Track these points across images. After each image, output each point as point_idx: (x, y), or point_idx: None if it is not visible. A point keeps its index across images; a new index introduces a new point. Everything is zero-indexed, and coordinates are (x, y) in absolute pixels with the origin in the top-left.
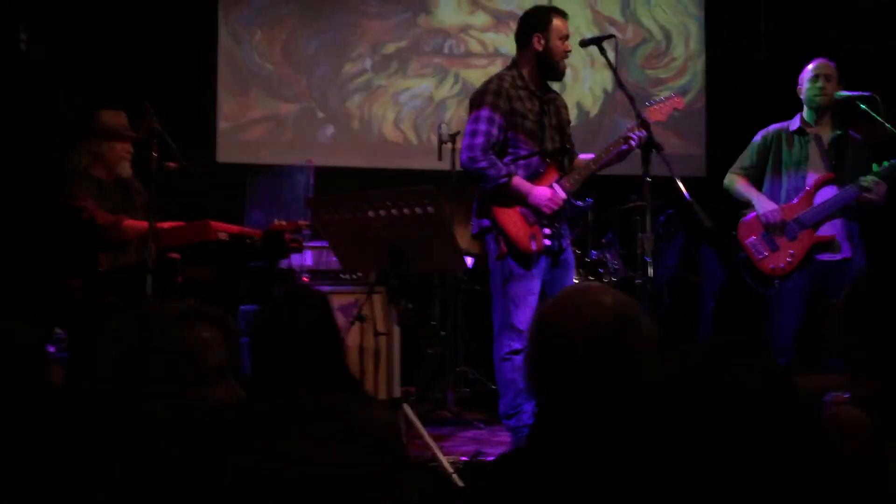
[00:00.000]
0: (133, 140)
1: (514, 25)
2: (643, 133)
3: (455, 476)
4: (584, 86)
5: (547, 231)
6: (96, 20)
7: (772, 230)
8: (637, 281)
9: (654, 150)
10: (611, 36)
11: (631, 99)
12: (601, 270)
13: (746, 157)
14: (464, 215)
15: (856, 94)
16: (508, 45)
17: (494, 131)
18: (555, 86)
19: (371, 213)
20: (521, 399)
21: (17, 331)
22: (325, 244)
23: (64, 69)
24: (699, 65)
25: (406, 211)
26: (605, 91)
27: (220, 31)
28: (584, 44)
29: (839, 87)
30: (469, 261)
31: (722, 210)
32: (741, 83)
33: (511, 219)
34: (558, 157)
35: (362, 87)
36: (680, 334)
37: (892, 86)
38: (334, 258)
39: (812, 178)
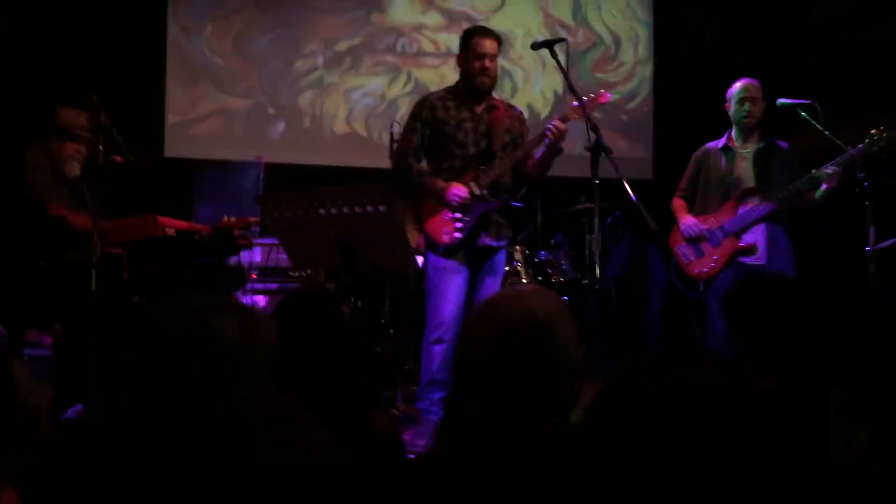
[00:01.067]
0: (87, 141)
1: (465, 26)
2: (559, 124)
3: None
4: (535, 88)
5: (458, 225)
6: (42, 11)
7: (693, 241)
8: (584, 281)
9: (602, 153)
10: (562, 39)
11: (581, 102)
12: (550, 271)
13: (683, 179)
14: (414, 214)
15: (797, 101)
16: None
17: (415, 138)
18: (506, 88)
19: (322, 211)
20: (433, 388)
21: None
22: (274, 241)
23: (7, 61)
24: (647, 70)
25: (358, 209)
26: (556, 93)
27: (170, 24)
28: (536, 46)
29: (765, 105)
30: (420, 260)
31: (668, 212)
32: (688, 88)
33: (429, 212)
34: (481, 160)
35: (314, 84)
36: (627, 333)
37: (834, 95)
38: (284, 255)
39: (736, 188)
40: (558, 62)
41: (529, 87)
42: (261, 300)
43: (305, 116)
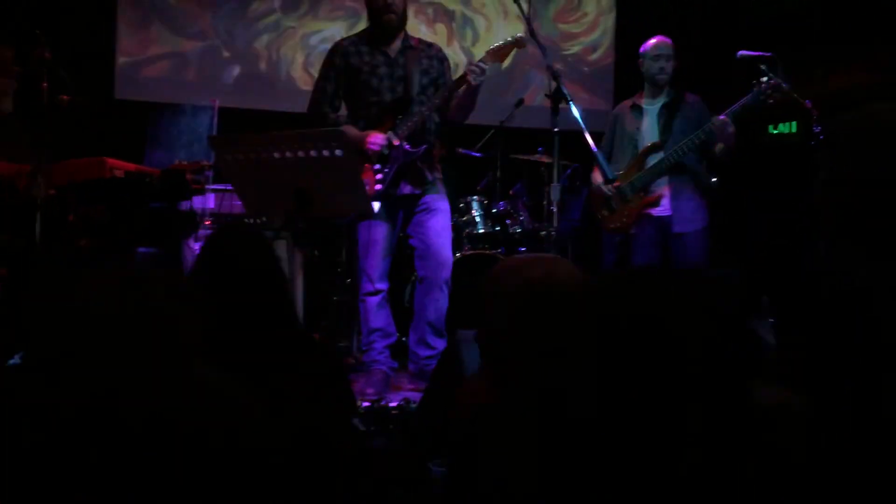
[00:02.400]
0: (14, 74)
1: None
2: (480, 66)
3: (356, 422)
4: (497, 36)
5: (378, 176)
6: None
7: (604, 198)
8: (542, 233)
9: (563, 101)
10: None
11: (542, 49)
12: (508, 221)
13: (604, 138)
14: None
15: (756, 54)
16: None
17: (328, 87)
18: (468, 36)
19: (277, 155)
20: (373, 337)
21: None
22: (228, 187)
23: None
24: (609, 21)
25: (313, 153)
26: None
27: None
28: None
29: (677, 65)
30: (376, 206)
31: None
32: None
33: None
34: (398, 107)
35: (270, 28)
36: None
37: (792, 48)
38: (238, 202)
39: (643, 145)
40: (520, 8)
41: (491, 35)
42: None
43: (261, 60)
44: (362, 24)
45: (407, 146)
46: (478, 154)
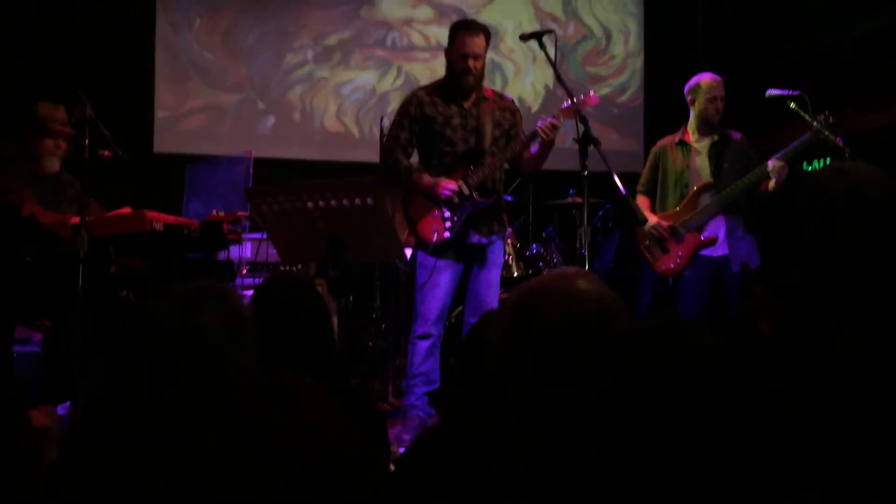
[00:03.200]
0: (65, 136)
1: (456, 19)
2: (554, 123)
3: (392, 467)
4: (525, 81)
5: (448, 224)
6: (31, 4)
7: (658, 240)
8: None
9: (591, 144)
10: (550, 31)
11: (570, 94)
12: (541, 264)
13: (643, 175)
14: (404, 213)
15: (786, 93)
16: None
17: (403, 135)
18: (497, 81)
19: (310, 204)
20: (415, 381)
21: None
22: (264, 236)
23: None
24: (638, 63)
25: (346, 202)
26: (547, 87)
27: (158, 19)
28: (524, 38)
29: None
30: (408, 252)
31: None
32: (679, 81)
33: (418, 211)
34: (470, 157)
35: (304, 79)
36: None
37: (823, 87)
38: (274, 250)
39: (694, 183)
40: (546, 54)
41: (520, 80)
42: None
43: (295, 111)
44: (392, 73)
45: (477, 196)
46: (510, 197)
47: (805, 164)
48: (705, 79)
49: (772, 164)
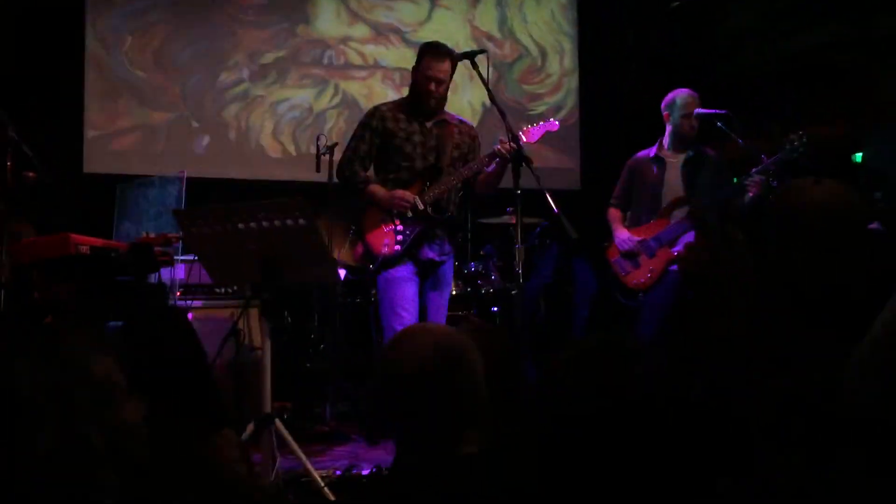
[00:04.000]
0: None
1: (393, 38)
2: (509, 145)
3: (326, 490)
4: (462, 99)
5: (399, 238)
6: None
7: (629, 254)
8: (513, 292)
9: (523, 163)
10: (482, 51)
11: (502, 114)
12: (480, 282)
13: (617, 188)
14: (344, 227)
15: (712, 112)
16: (388, 58)
17: (362, 147)
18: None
19: (241, 226)
20: None
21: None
22: (196, 258)
23: None
24: (573, 81)
25: (277, 223)
26: (484, 105)
27: (88, 36)
28: (457, 58)
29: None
30: (342, 273)
31: (598, 221)
32: (613, 99)
33: (370, 223)
34: (427, 174)
35: (239, 97)
36: (554, 342)
37: (751, 107)
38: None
39: (667, 199)
40: (479, 73)
41: (458, 98)
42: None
43: (231, 130)
44: (329, 91)
45: (431, 212)
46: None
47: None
48: (681, 94)
49: (753, 177)
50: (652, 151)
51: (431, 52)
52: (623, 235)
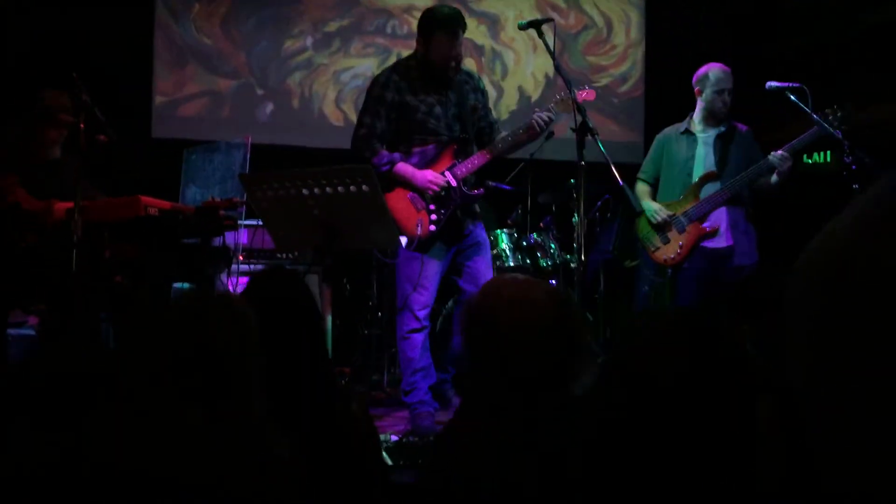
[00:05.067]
0: (69, 124)
1: (457, 6)
2: (547, 115)
3: (385, 455)
4: (526, 70)
5: (433, 217)
6: None
7: (659, 227)
8: (572, 265)
9: (588, 134)
10: (549, 20)
11: (568, 84)
12: (539, 254)
13: (645, 163)
14: None
15: (785, 85)
16: None
17: (379, 124)
18: (497, 70)
19: (305, 191)
20: (417, 377)
21: None
22: (260, 222)
23: None
24: (639, 52)
25: (341, 189)
26: (547, 76)
27: (157, 4)
28: (523, 27)
29: None
30: (404, 240)
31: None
32: (680, 71)
33: (399, 204)
34: (455, 145)
35: (303, 65)
36: (615, 317)
37: (825, 79)
38: (269, 237)
39: (697, 174)
40: (545, 42)
41: (520, 69)
42: (246, 281)
43: (294, 97)
44: (392, 60)
45: (465, 189)
46: (508, 187)
47: (805, 157)
48: (714, 69)
49: (775, 156)
50: (682, 126)
51: (446, 29)
52: (654, 207)
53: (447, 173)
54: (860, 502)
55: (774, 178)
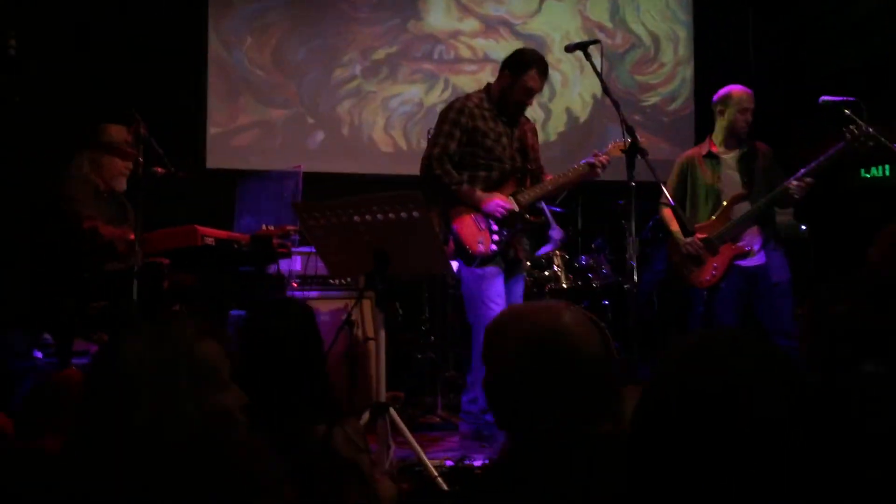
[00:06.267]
0: (133, 157)
1: (503, 31)
2: (607, 160)
3: (440, 479)
4: (573, 91)
5: (495, 238)
6: (87, 26)
7: (692, 254)
8: (625, 286)
9: (638, 155)
10: (596, 41)
11: (616, 106)
12: (590, 275)
13: (668, 186)
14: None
15: (840, 99)
16: (498, 51)
17: (452, 145)
18: (545, 92)
19: (357, 218)
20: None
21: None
22: (313, 249)
23: (55, 75)
24: (688, 70)
25: (392, 215)
26: (595, 97)
27: (211, 38)
28: (570, 49)
29: None
30: (455, 265)
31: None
32: None
33: (463, 223)
34: (517, 175)
35: (352, 93)
36: (670, 338)
37: (875, 97)
38: (322, 263)
39: (726, 195)
40: (592, 64)
41: (568, 90)
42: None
43: (344, 125)
44: (440, 86)
45: (528, 216)
46: (559, 209)
47: (863, 171)
48: (736, 90)
49: (794, 188)
50: (704, 149)
51: (540, 67)
52: (687, 238)
53: (511, 199)
54: None
55: (796, 196)
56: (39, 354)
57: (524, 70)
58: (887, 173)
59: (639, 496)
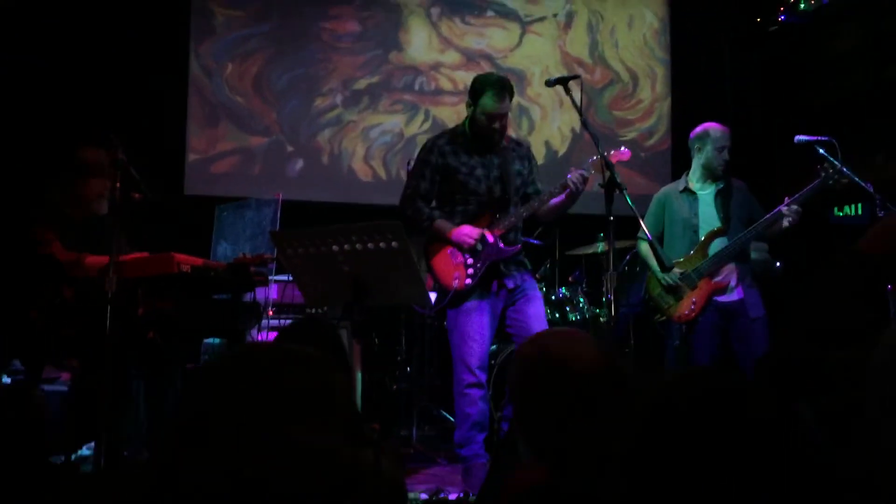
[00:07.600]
0: (110, 177)
1: (483, 64)
2: (580, 174)
3: None
4: (552, 125)
5: (470, 271)
6: (66, 49)
7: (671, 288)
8: (602, 319)
9: (617, 189)
10: (576, 76)
11: (595, 140)
12: (567, 308)
13: (647, 224)
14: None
15: (814, 139)
16: None
17: (423, 184)
18: (524, 126)
19: (335, 248)
20: (474, 431)
21: None
22: (290, 278)
23: (32, 99)
24: (665, 106)
25: (370, 245)
26: (574, 131)
27: (191, 64)
28: (550, 83)
29: None
30: (433, 297)
31: None
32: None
33: (440, 258)
34: (495, 205)
35: (333, 122)
36: (646, 371)
37: (852, 133)
38: (299, 292)
39: (703, 231)
40: (572, 98)
41: (547, 124)
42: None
43: (324, 154)
44: (420, 117)
45: (501, 244)
46: (537, 241)
47: (836, 209)
48: (714, 128)
49: (788, 207)
50: (681, 185)
51: (495, 88)
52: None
53: (485, 230)
54: None
55: (786, 223)
56: (7, 380)
57: (479, 96)
58: (860, 212)
59: None
